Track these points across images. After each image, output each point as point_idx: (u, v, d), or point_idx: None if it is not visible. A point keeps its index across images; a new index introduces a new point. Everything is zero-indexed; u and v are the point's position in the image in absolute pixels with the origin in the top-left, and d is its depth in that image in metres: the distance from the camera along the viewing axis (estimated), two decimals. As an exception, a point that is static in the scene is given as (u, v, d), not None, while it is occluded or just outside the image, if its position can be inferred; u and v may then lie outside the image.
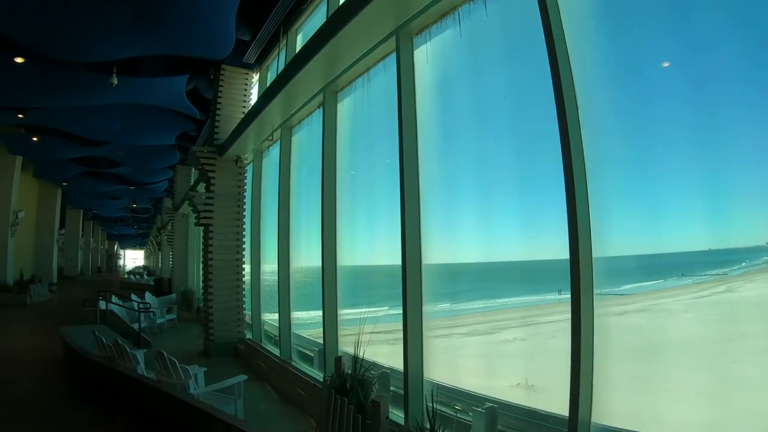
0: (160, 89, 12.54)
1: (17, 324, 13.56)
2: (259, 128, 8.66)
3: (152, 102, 13.75)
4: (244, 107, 10.88)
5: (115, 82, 11.04)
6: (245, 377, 5.60)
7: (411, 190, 4.79)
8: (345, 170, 6.85)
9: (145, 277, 36.25)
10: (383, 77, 5.85)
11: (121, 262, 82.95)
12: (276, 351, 8.66)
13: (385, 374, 5.21)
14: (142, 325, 11.73)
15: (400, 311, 4.69)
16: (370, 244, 7.30)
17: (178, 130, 16.17)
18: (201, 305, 16.05)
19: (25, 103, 14.39)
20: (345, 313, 6.63)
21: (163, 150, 18.75)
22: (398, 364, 4.90)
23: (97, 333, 6.55)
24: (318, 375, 6.64)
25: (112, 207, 36.38)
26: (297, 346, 8.26)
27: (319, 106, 7.59)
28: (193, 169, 19.48)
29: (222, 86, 10.81)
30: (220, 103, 10.72)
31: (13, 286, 18.60)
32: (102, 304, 11.45)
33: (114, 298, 12.18)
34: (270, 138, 9.05)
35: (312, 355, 7.60)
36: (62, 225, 32.50)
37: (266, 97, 7.27)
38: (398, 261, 4.77)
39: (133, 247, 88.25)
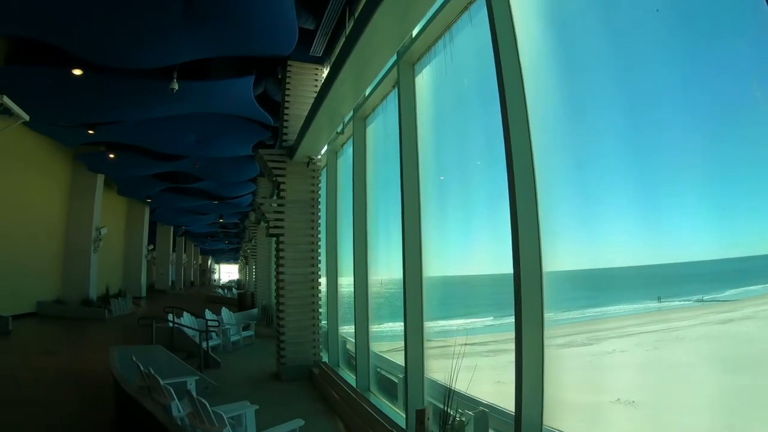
0: (226, 93, 11.99)
1: (87, 339, 13.46)
2: (328, 120, 7.63)
3: (221, 109, 13.29)
4: (314, 109, 10.01)
5: (176, 88, 10.58)
6: (302, 423, 4.44)
7: (524, 188, 3.53)
8: (430, 163, 5.62)
9: (234, 291, 36.68)
10: (471, 34, 4.57)
11: (216, 276, 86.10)
12: (352, 378, 7.55)
13: (483, 414, 3.99)
14: (214, 343, 11.13)
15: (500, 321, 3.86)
16: (464, 252, 5.99)
17: (253, 139, 15.67)
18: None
19: (92, 117, 14.44)
20: (432, 325, 5.44)
21: (242, 162, 18.43)
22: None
23: (134, 358, 5.69)
24: (401, 417, 5.43)
25: (200, 223, 37.40)
26: (378, 369, 7.13)
27: (393, 87, 6.46)
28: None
29: (289, 83, 9.94)
30: (288, 101, 9.85)
31: (96, 300, 18.88)
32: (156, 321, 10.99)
33: (186, 315, 11.59)
34: (341, 131, 8.04)
35: (396, 381, 6.44)
36: (153, 241, 33.80)
37: (333, 72, 6.19)
38: (500, 270, 3.93)
39: (227, 261, 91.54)
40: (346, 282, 9.01)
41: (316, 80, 10.19)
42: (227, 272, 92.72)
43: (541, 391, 3.48)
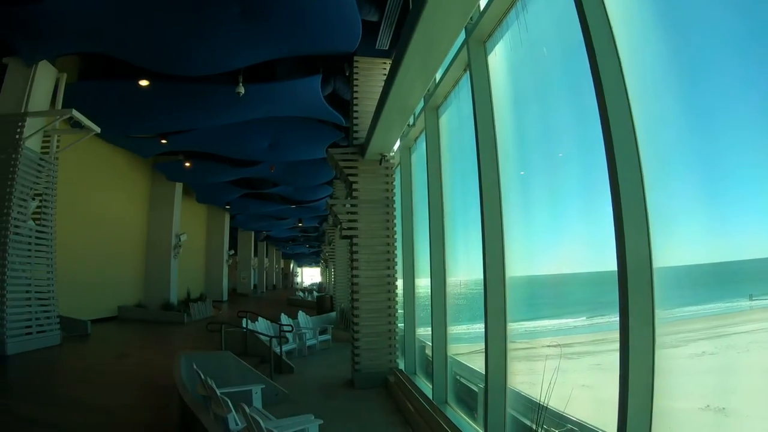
0: (294, 94, 11.97)
1: (163, 343, 13.65)
2: (398, 112, 7.21)
3: (291, 112, 13.29)
4: (384, 100, 9.66)
5: (242, 92, 10.63)
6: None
7: (628, 175, 2.94)
8: (512, 153, 5.07)
9: (315, 294, 37.15)
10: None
11: (298, 280, 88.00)
12: (428, 388, 7.09)
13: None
14: (290, 347, 11.03)
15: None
16: (553, 250, 5.35)
17: (326, 141, 15.61)
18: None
19: (163, 127, 14.96)
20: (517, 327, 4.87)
21: (317, 165, 18.49)
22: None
23: (195, 366, 5.49)
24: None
25: (280, 227, 38.27)
26: (458, 376, 6.63)
27: (465, 70, 5.96)
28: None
29: (357, 80, 9.63)
30: (357, 98, 9.55)
31: (177, 304, 19.52)
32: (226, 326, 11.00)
33: (260, 320, 11.54)
34: (413, 124, 7.62)
35: (476, 390, 5.93)
36: (234, 246, 34.92)
37: (397, 58, 5.77)
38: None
39: (309, 265, 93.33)
40: (424, 284, 8.59)
41: (385, 75, 9.82)
42: (309, 275, 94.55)
43: (650, 403, 2.99)
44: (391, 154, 9.19)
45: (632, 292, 2.84)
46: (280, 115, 13.57)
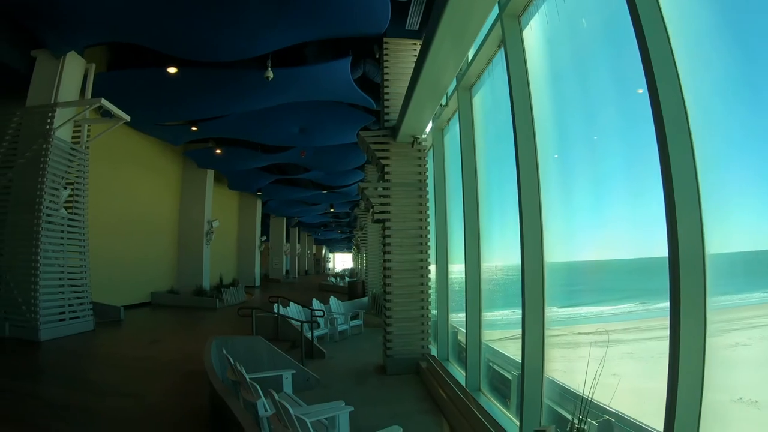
0: (324, 78, 11.87)
1: (195, 328, 13.70)
2: (429, 92, 7.05)
3: (321, 96, 13.21)
4: (416, 82, 9.51)
5: (271, 76, 10.58)
6: (399, 430, 3.95)
7: (680, 159, 2.75)
8: (551, 133, 4.85)
9: (346, 279, 37.29)
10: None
11: (330, 265, 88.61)
12: (461, 375, 6.99)
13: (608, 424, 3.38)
14: (321, 332, 11.08)
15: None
16: (596, 235, 5.11)
17: (357, 125, 15.49)
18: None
19: (193, 114, 15.05)
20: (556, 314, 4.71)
21: (348, 149, 18.44)
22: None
23: (225, 350, 5.49)
24: (514, 427, 4.79)
25: (312, 213, 38.47)
26: (491, 363, 6.48)
27: (498, 46, 5.76)
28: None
29: (387, 61, 9.48)
30: (387, 80, 9.41)
31: (209, 290, 19.78)
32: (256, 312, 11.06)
33: (292, 305, 11.58)
34: (445, 104, 7.45)
35: (510, 378, 5.80)
36: (266, 232, 35.25)
37: (429, 35, 5.60)
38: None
39: (341, 250, 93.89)
40: (457, 269, 8.46)
41: (415, 56, 9.63)
42: (341, 261, 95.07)
43: (700, 394, 2.81)
44: (423, 136, 9.03)
45: (684, 279, 2.66)
46: (310, 99, 13.52)
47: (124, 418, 5.52)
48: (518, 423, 4.56)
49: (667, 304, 2.76)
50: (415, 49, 9.63)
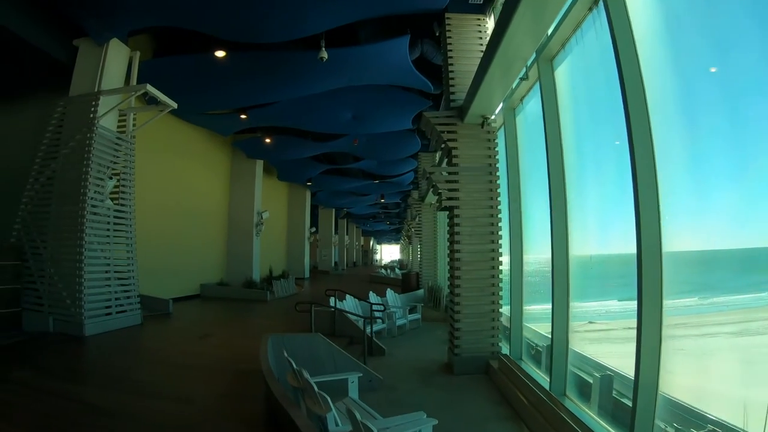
0: (380, 58, 11.26)
1: (245, 322, 13.29)
2: (505, 67, 6.40)
3: (376, 79, 12.59)
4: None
5: (325, 57, 10.07)
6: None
7: None
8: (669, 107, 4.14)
9: (397, 271, 36.90)
10: None
11: (377, 257, 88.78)
12: (543, 379, 6.34)
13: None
14: (379, 327, 10.54)
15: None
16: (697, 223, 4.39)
17: (412, 110, 14.92)
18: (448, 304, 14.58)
19: (241, 101, 14.64)
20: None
21: (402, 137, 17.84)
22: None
23: (286, 353, 4.98)
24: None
25: (361, 204, 38.18)
26: (575, 369, 5.84)
27: (590, 9, 5.06)
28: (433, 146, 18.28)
29: (451, 38, 8.84)
30: (451, 57, 8.77)
31: (259, 282, 19.56)
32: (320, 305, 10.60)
33: (349, 298, 11.11)
34: (525, 77, 6.76)
35: (590, 381, 5.21)
36: (315, 224, 35.25)
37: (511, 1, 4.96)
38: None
39: (389, 242, 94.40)
40: (532, 260, 7.80)
41: (480, 32, 8.99)
42: (388, 252, 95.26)
43: None
44: (493, 117, 8.37)
45: None
46: (364, 83, 12.94)
47: (173, 425, 5.05)
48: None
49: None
50: (479, 25, 9.00)
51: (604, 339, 6.45)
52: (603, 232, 5.82)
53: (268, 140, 18.43)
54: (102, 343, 9.12)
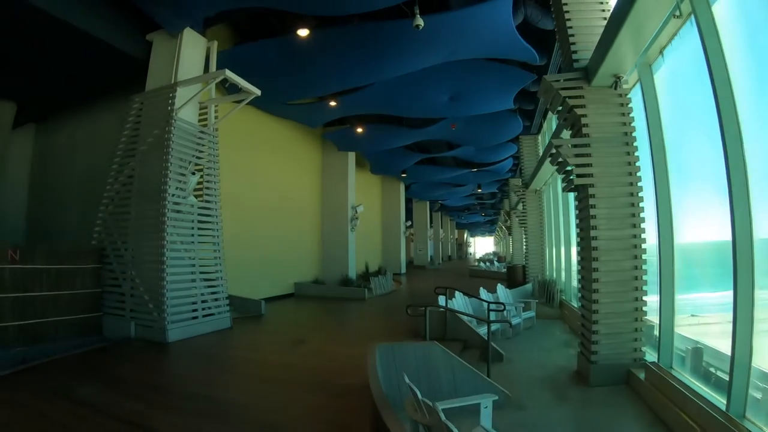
0: (480, 24, 10.06)
1: (345, 324, 12.37)
2: (649, 7, 5.15)
3: (475, 51, 11.43)
4: (604, 11, 7.40)
5: (421, 24, 9.09)
6: None
7: None
8: None
9: (495, 264, 35.39)
10: None
11: (471, 250, 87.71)
12: (716, 397, 5.02)
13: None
14: (492, 327, 9.29)
15: None
16: None
17: (514, 87, 13.68)
18: (564, 298, 13.24)
19: (327, 87, 13.77)
20: None
21: (502, 118, 16.54)
22: None
23: (407, 378, 3.96)
24: None
25: (457, 195, 37.19)
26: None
27: None
28: (548, 118, 16.89)
29: (565, -9, 7.56)
30: (567, 12, 7.46)
31: (355, 279, 18.92)
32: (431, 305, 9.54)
33: (458, 296, 10.00)
34: (678, 13, 5.38)
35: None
36: (409, 217, 34.64)
37: None
38: None
39: (482, 234, 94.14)
40: (681, 246, 6.39)
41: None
42: (482, 245, 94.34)
43: None
44: (625, 77, 7.00)
45: None
46: (461, 57, 11.77)
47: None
48: None
49: None
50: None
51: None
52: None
53: (360, 130, 17.70)
54: (185, 351, 8.56)
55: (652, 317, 6.85)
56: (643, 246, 6.74)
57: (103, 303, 9.50)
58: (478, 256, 68.20)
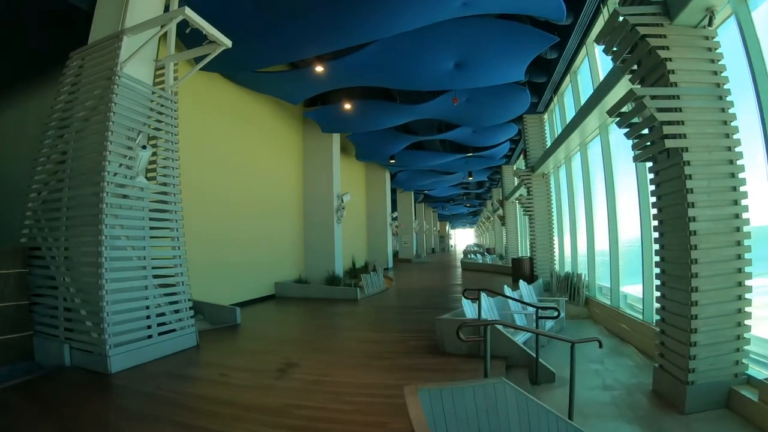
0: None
1: (342, 338, 9.80)
2: None
3: (489, 6, 9.74)
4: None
5: None
6: None
7: None
8: None
9: (488, 257, 34.12)
10: None
11: (451, 242, 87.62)
12: None
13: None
14: (524, 336, 7.56)
15: None
16: None
17: (529, 52, 12.01)
18: (589, 294, 11.91)
19: (316, 45, 11.63)
20: None
21: (510, 92, 14.88)
22: None
23: None
24: None
25: (444, 185, 35.97)
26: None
27: None
28: (559, 92, 15.45)
29: None
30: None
31: (343, 276, 17.13)
32: (470, 308, 7.93)
33: (485, 298, 8.11)
34: None
35: None
36: (394, 209, 33.45)
37: None
38: None
39: (462, 226, 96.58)
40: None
41: None
42: (462, 237, 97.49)
43: None
44: (716, 8, 5.52)
45: None
46: (475, 10, 9.95)
47: None
48: None
49: None
50: None
51: None
52: None
53: (348, 106, 15.88)
54: (130, 388, 6.03)
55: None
56: (746, 229, 5.31)
57: (33, 319, 7.27)
58: (460, 248, 67.46)
